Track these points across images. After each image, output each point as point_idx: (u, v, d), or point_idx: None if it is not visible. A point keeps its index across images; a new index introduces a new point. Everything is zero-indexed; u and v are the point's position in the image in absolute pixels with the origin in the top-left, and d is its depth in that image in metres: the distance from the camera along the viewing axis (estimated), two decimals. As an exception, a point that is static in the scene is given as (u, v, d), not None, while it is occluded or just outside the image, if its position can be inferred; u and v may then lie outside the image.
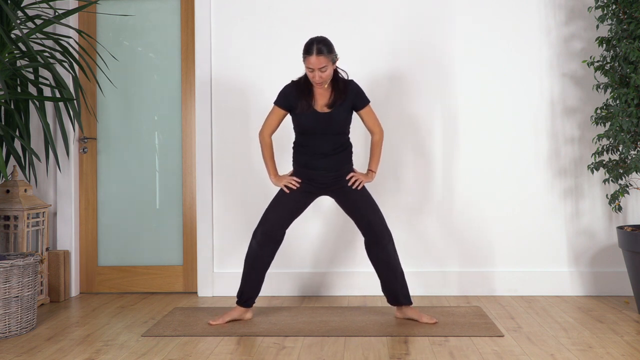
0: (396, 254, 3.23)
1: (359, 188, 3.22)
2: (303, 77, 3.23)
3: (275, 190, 3.78)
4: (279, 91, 3.90)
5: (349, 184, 3.22)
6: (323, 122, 3.16)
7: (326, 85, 3.21)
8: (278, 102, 3.24)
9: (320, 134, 3.18)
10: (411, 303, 3.26)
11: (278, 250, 3.92)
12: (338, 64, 3.24)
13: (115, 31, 4.13)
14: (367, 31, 3.95)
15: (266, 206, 3.43)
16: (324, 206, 3.93)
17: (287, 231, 3.94)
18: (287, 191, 3.22)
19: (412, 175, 3.93)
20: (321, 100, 3.20)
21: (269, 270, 3.94)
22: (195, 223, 4.05)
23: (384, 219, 3.24)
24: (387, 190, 3.92)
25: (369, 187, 3.90)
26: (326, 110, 3.18)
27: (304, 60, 3.12)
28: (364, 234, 3.24)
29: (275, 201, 3.26)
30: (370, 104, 3.27)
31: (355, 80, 3.92)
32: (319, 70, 3.08)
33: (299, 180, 3.23)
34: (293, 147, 3.30)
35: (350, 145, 3.29)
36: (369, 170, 3.29)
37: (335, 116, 3.17)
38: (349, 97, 3.21)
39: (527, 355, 2.69)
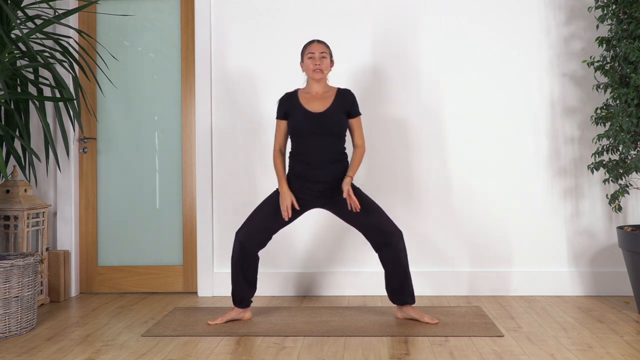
0: (406, 251, 3.22)
1: (357, 207, 3.10)
2: (295, 90, 3.33)
3: (272, 191, 3.78)
4: (277, 90, 3.93)
5: (349, 208, 3.11)
6: (317, 121, 3.16)
7: (323, 82, 3.26)
8: (277, 115, 3.30)
9: (315, 135, 3.16)
10: (414, 302, 3.26)
11: (278, 251, 3.95)
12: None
13: (115, 31, 4.14)
14: (367, 31, 3.95)
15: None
16: (324, 206, 3.94)
17: (288, 231, 3.95)
18: (284, 213, 3.16)
19: (411, 175, 3.93)
20: (315, 102, 3.21)
21: (269, 271, 3.95)
22: (195, 223, 4.05)
23: (390, 218, 3.23)
24: (387, 191, 3.92)
25: (369, 191, 3.90)
26: (320, 109, 3.19)
27: (303, 55, 3.26)
28: (372, 238, 3.18)
29: (265, 205, 3.22)
30: (360, 117, 3.29)
31: (356, 81, 3.94)
32: (319, 55, 3.20)
33: (297, 209, 3.19)
34: (289, 157, 3.29)
35: (346, 156, 3.26)
36: (347, 176, 3.15)
37: (329, 115, 3.17)
38: (346, 100, 3.23)
39: (527, 355, 2.69)
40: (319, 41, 3.26)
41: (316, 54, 3.20)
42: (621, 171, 3.38)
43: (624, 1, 3.32)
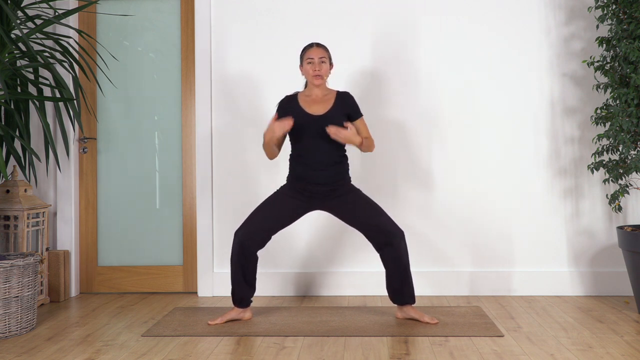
0: (407, 251, 3.22)
1: (334, 133, 3.02)
2: (295, 92, 3.33)
3: (272, 191, 3.79)
4: (277, 91, 3.93)
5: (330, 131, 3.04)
6: (317, 124, 3.15)
7: (323, 85, 3.26)
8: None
9: (316, 137, 3.16)
10: (415, 302, 3.26)
11: (278, 251, 3.95)
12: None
13: (115, 31, 4.13)
14: (367, 31, 3.95)
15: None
16: (324, 206, 3.93)
17: (288, 231, 3.95)
18: (280, 123, 3.06)
19: (411, 175, 3.93)
20: (315, 105, 3.22)
21: (269, 271, 3.95)
22: (195, 223, 4.05)
23: (391, 218, 3.23)
24: (387, 191, 3.92)
25: (369, 191, 3.90)
26: (321, 112, 3.19)
27: (302, 59, 3.25)
28: (373, 239, 3.18)
29: (265, 205, 3.22)
30: (362, 117, 3.29)
31: (356, 82, 3.94)
32: (318, 60, 3.19)
33: (290, 120, 3.09)
34: (289, 160, 3.29)
35: (346, 158, 3.27)
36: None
37: (330, 117, 3.17)
38: (346, 103, 3.24)
39: (527, 355, 2.69)
40: (318, 45, 3.25)
41: (315, 59, 3.19)
42: (621, 171, 3.38)
43: (624, 1, 3.32)
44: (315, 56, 3.19)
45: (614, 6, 3.39)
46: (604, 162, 3.49)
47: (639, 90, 3.25)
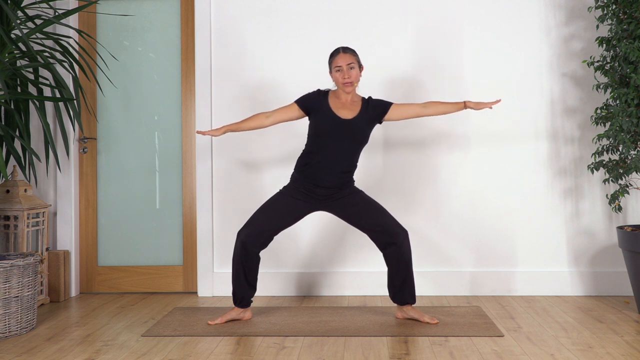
0: (410, 250, 3.21)
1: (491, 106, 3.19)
2: (327, 89, 3.25)
3: (272, 191, 3.78)
4: (279, 91, 3.93)
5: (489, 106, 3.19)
6: (341, 127, 3.11)
7: (353, 93, 3.20)
8: (297, 101, 3.22)
9: (338, 140, 3.12)
10: (415, 302, 3.26)
11: (278, 251, 3.95)
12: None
13: (115, 31, 4.13)
14: (368, 33, 3.95)
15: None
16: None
17: (288, 231, 3.94)
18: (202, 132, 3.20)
19: (413, 176, 3.93)
20: (344, 110, 3.16)
21: (269, 271, 3.95)
22: (195, 223, 4.05)
23: (394, 218, 3.22)
24: (388, 191, 3.92)
25: (372, 191, 3.91)
26: (348, 116, 3.14)
27: (331, 66, 3.18)
28: (377, 239, 3.18)
29: (268, 206, 3.21)
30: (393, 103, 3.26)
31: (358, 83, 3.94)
32: (346, 67, 3.11)
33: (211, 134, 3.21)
34: (302, 156, 3.22)
35: (355, 168, 3.24)
36: (462, 102, 3.23)
37: (357, 123, 3.14)
38: (371, 107, 3.19)
39: (527, 355, 2.69)
40: (344, 50, 3.16)
41: (343, 67, 3.11)
42: (621, 171, 3.38)
43: (624, 1, 3.32)
44: (343, 63, 3.12)
45: (614, 6, 3.39)
46: (604, 162, 3.49)
47: (639, 90, 3.25)
